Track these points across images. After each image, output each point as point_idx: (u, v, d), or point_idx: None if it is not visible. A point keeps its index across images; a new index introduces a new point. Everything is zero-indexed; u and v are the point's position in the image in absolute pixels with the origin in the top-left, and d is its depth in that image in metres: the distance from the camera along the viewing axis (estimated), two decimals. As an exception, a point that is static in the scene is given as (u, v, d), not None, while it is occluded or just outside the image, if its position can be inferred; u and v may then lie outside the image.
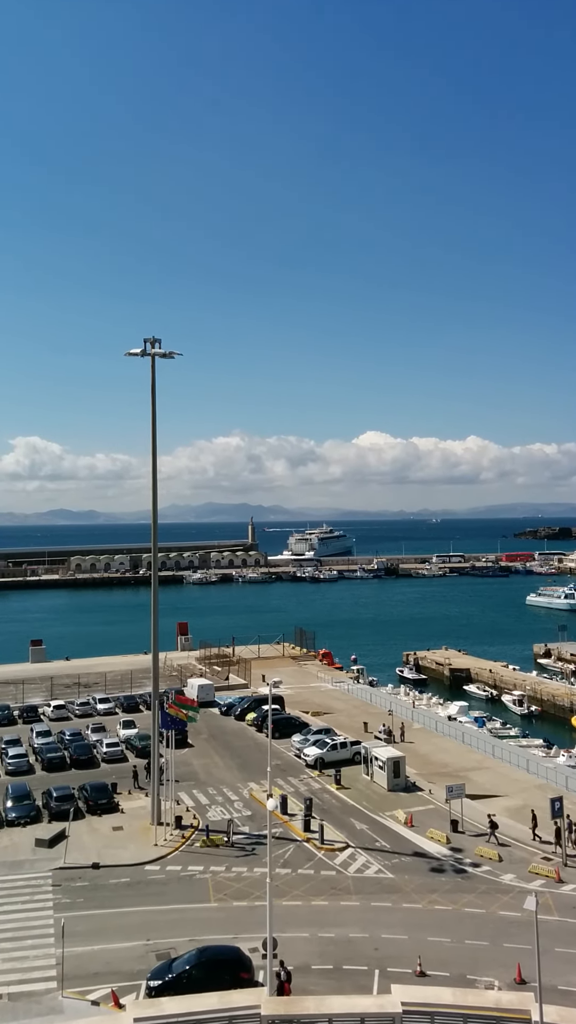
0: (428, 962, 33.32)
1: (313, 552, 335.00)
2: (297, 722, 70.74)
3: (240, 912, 38.36)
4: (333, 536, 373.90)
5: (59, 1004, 30.91)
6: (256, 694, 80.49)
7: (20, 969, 33.62)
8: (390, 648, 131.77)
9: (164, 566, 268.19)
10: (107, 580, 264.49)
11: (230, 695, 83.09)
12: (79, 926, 36.08)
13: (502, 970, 32.96)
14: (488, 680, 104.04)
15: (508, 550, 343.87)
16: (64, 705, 78.52)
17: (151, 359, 50.91)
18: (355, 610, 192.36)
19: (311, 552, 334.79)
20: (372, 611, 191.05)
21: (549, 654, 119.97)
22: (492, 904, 39.32)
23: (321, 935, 36.14)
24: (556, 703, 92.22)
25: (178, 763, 55.28)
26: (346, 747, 61.99)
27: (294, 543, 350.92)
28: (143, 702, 78.32)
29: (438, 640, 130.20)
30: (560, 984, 31.45)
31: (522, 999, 26.52)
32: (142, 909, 38.93)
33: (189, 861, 44.68)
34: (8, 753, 62.06)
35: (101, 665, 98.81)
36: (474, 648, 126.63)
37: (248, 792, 55.63)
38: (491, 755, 64.11)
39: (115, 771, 59.59)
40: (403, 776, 56.51)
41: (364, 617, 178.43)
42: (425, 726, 73.58)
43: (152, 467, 52.56)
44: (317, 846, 46.18)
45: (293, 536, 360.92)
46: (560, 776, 57.28)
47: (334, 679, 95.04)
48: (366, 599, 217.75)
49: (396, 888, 41.11)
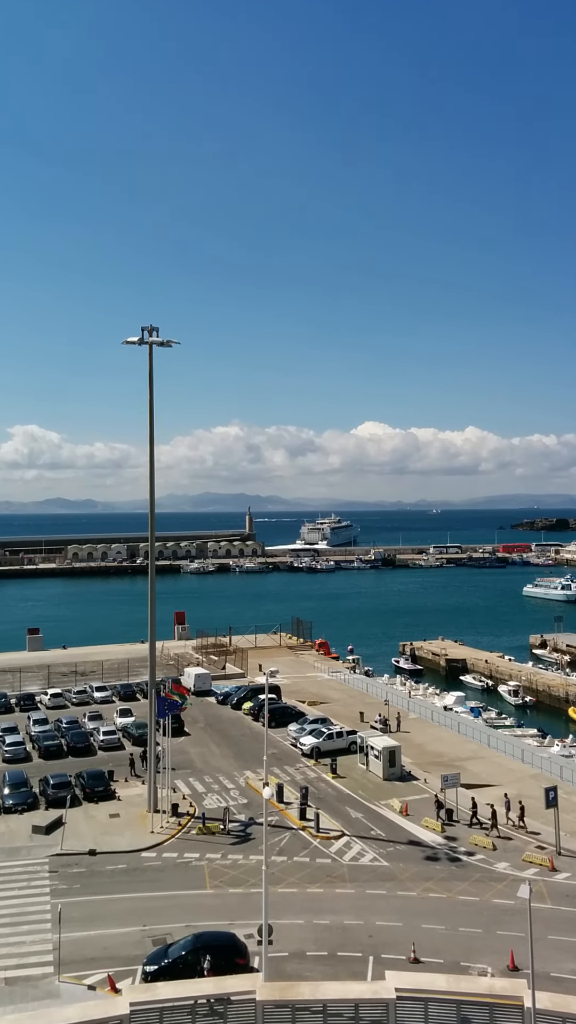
0: (422, 949, 33.57)
1: (326, 541, 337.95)
2: (293, 711, 70.96)
3: (236, 899, 38.58)
4: (342, 526, 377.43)
5: (56, 988, 31.14)
6: (253, 683, 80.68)
7: (17, 954, 33.85)
8: (387, 638, 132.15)
9: (161, 555, 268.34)
10: (104, 569, 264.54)
11: (227, 684, 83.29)
12: (76, 912, 36.29)
13: (495, 957, 33.23)
14: (484, 670, 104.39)
15: (505, 541, 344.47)
16: (61, 693, 78.67)
17: (149, 348, 50.75)
18: (352, 600, 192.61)
19: (324, 541, 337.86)
20: (369, 601, 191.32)
21: (545, 645, 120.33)
22: (486, 892, 39.59)
23: (316, 922, 36.39)
24: (551, 694, 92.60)
25: (175, 751, 55.44)
26: (342, 736, 62.23)
27: (307, 532, 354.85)
28: (140, 690, 78.50)
29: (435, 631, 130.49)
30: (553, 971, 31.72)
31: (515, 986, 26.70)
32: (138, 895, 39.16)
33: (185, 848, 44.90)
34: (5, 741, 62.20)
35: (98, 654, 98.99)
36: (470, 639, 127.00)
37: (244, 780, 55.85)
38: (486, 745, 64.40)
39: (112, 759, 59.79)
40: (398, 765, 56.76)
41: (361, 607, 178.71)
42: (421, 716, 73.85)
43: (150, 456, 52.49)
44: (313, 834, 46.41)
45: (305, 525, 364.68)
46: (554, 766, 57.59)
47: (330, 669, 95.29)
48: (363, 590, 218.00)
49: (391, 876, 41.37)
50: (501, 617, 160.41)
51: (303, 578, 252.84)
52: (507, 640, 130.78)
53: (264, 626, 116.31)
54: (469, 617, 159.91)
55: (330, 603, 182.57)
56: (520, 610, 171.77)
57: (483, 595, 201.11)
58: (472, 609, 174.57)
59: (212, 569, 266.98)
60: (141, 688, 78.28)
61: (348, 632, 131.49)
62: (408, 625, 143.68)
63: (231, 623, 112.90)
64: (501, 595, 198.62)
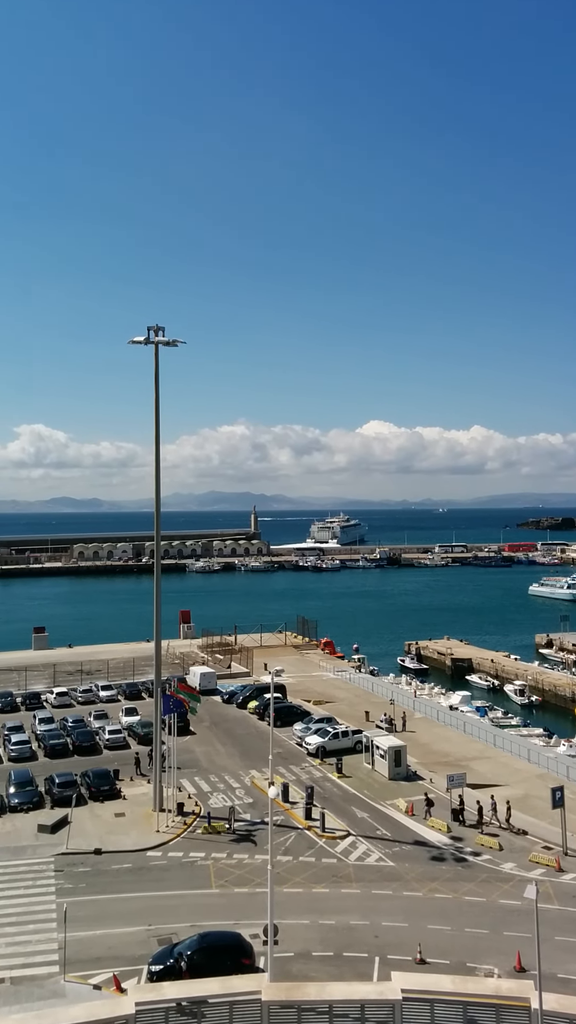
0: (428, 950, 33.48)
1: (336, 540, 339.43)
2: (299, 710, 70.90)
3: (241, 898, 38.55)
4: (351, 525, 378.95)
5: (61, 988, 31.13)
6: (258, 682, 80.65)
7: (23, 953, 33.88)
8: (392, 637, 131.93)
9: (167, 554, 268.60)
10: (110, 568, 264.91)
11: (232, 683, 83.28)
12: (81, 911, 36.26)
13: (502, 958, 33.13)
14: (490, 670, 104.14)
15: (511, 540, 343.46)
16: (67, 692, 78.79)
17: (155, 347, 50.66)
18: (357, 600, 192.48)
19: (334, 540, 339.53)
20: (374, 601, 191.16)
21: (551, 644, 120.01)
22: (492, 892, 39.47)
23: (322, 922, 36.32)
24: (558, 693, 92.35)
25: (180, 750, 55.44)
26: (348, 736, 62.14)
27: (317, 531, 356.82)
28: (145, 689, 78.53)
29: (440, 630, 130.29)
30: (560, 972, 31.59)
31: (522, 987, 26.61)
32: (144, 895, 39.15)
33: (191, 847, 44.88)
34: (11, 739, 62.30)
35: (104, 652, 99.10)
36: (476, 638, 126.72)
37: (250, 780, 55.81)
38: (492, 744, 64.25)
39: (117, 758, 59.81)
40: (404, 765, 56.65)
41: (366, 607, 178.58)
42: (427, 715, 73.72)
43: (155, 455, 52.40)
44: (318, 834, 46.34)
45: (315, 524, 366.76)
46: (561, 766, 57.42)
47: (336, 668, 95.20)
48: (368, 589, 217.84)
49: (397, 876, 41.27)
50: (507, 616, 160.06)
51: (308, 577, 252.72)
52: (513, 639, 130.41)
53: (269, 625, 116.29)
54: (475, 616, 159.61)
55: (335, 602, 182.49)
56: (526, 609, 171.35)
57: (489, 594, 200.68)
58: (478, 608, 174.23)
59: (217, 568, 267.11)
60: (147, 687, 78.32)
61: (353, 631, 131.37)
62: (413, 624, 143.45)
63: (236, 622, 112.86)
64: (507, 594, 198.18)
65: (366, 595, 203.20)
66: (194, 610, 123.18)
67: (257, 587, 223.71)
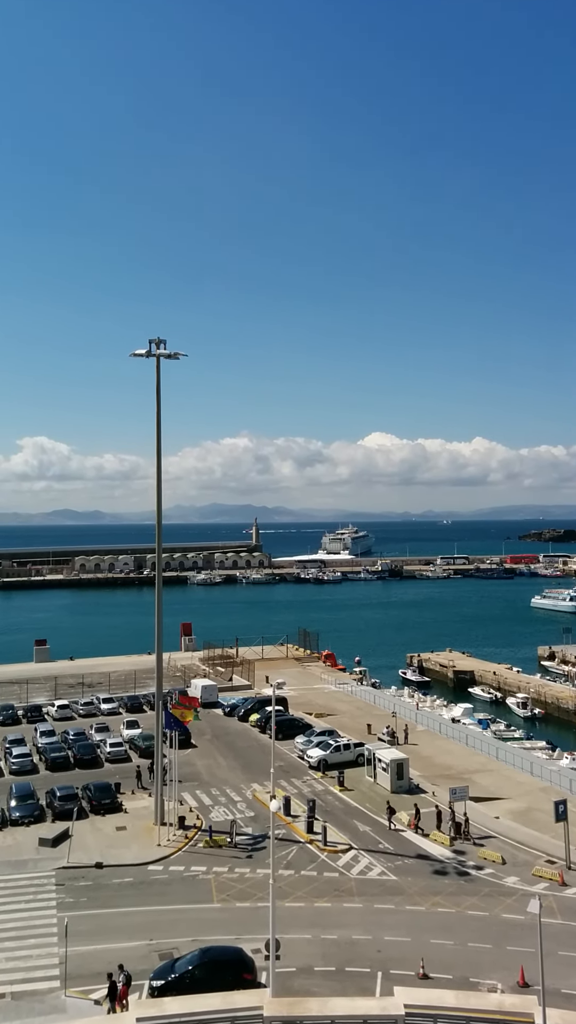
0: (431, 964, 33.27)
1: (347, 551, 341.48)
2: (300, 723, 70.72)
3: (243, 913, 38.35)
4: (360, 536, 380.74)
5: (62, 1003, 30.95)
6: (260, 695, 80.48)
7: (23, 968, 33.70)
8: (394, 650, 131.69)
9: (168, 567, 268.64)
10: (111, 580, 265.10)
11: (234, 696, 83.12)
12: (82, 925, 36.08)
13: (505, 973, 32.90)
14: (492, 682, 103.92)
15: (513, 552, 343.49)
16: (68, 705, 78.66)
17: (156, 360, 50.93)
18: (359, 612, 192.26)
19: (345, 551, 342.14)
20: (376, 613, 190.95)
21: (553, 657, 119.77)
22: (495, 907, 39.25)
23: (324, 937, 36.12)
24: (560, 706, 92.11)
25: (181, 763, 55.29)
26: (349, 749, 61.95)
27: (328, 542, 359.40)
28: (147, 702, 78.35)
29: (442, 642, 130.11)
30: (563, 988, 31.35)
31: (525, 1002, 26.48)
32: (145, 909, 38.97)
33: (192, 861, 44.70)
34: (12, 752, 62.16)
35: (105, 665, 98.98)
36: (478, 650, 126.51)
37: (251, 793, 55.63)
38: (495, 757, 64.00)
39: (119, 771, 59.65)
40: (406, 778, 56.44)
41: (368, 619, 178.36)
42: (429, 728, 73.50)
43: (157, 468, 52.57)
44: (320, 847, 46.15)
45: (326, 535, 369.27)
46: (564, 779, 57.15)
47: (337, 681, 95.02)
48: (370, 601, 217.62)
49: (399, 890, 41.07)
50: (509, 628, 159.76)
51: (310, 589, 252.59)
52: (515, 652, 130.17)
53: (271, 637, 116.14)
54: (477, 628, 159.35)
55: (337, 614, 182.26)
56: (528, 621, 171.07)
57: (491, 606, 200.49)
58: (480, 620, 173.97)
59: (219, 580, 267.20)
60: (148, 700, 78.15)
61: (355, 644, 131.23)
62: (415, 636, 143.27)
63: (238, 634, 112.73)
64: (509, 606, 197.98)
65: (368, 607, 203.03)
66: (196, 622, 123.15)
67: (259, 599, 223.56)
